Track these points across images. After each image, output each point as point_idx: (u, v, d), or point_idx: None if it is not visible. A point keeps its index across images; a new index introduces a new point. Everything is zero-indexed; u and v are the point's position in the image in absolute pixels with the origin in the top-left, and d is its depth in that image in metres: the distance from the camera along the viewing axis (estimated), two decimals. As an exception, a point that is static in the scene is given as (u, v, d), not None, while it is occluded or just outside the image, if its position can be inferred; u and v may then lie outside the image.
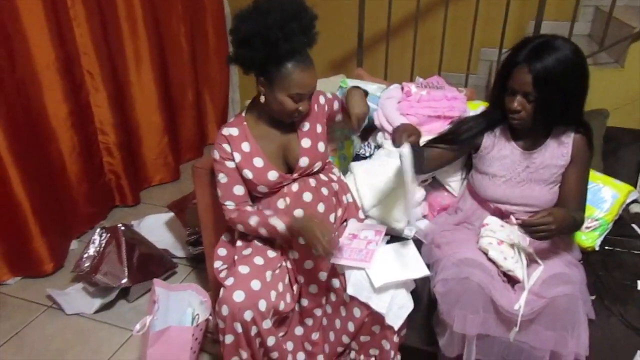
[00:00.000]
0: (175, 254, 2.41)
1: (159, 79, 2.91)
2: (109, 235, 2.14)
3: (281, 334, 1.56)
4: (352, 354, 1.59)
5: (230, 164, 1.52)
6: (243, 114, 1.58)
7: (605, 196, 1.69)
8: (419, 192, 1.76)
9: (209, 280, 1.90)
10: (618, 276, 1.55)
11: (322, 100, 1.64)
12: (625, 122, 2.03)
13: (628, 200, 1.73)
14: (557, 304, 1.31)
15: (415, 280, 1.53)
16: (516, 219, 1.47)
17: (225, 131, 1.53)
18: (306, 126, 1.58)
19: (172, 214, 2.50)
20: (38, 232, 2.22)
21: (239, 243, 1.60)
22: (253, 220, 1.51)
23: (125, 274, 2.06)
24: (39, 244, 2.23)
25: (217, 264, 1.59)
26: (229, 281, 1.45)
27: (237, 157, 1.51)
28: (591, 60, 2.38)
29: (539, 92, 1.36)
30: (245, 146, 1.52)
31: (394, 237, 1.71)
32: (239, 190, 1.54)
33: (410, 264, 1.52)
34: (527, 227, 1.32)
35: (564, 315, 1.30)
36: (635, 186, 1.87)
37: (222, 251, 1.63)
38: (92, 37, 2.45)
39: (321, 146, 1.59)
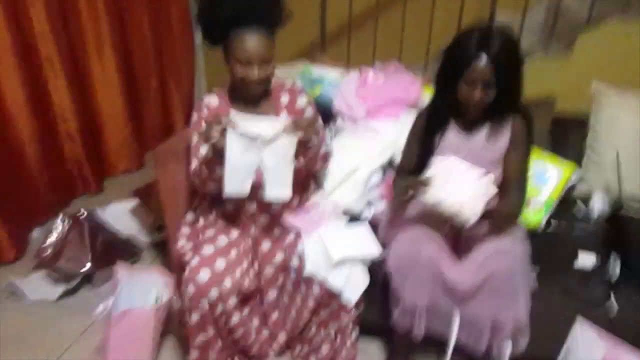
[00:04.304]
0: (140, 240, 2.41)
1: (121, 66, 2.87)
2: (71, 221, 2.12)
3: (245, 312, 1.60)
4: (313, 329, 1.64)
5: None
6: (226, 88, 1.63)
7: (551, 175, 1.79)
8: (377, 175, 1.82)
9: (172, 263, 1.92)
10: (560, 251, 1.66)
11: (303, 101, 1.64)
12: (574, 106, 2.14)
13: (572, 178, 1.83)
14: (499, 275, 1.39)
15: (373, 259, 1.59)
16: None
17: (206, 100, 1.60)
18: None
19: (136, 201, 2.49)
20: (-2, 221, 2.19)
21: (201, 222, 1.63)
22: (195, 164, 1.52)
23: (88, 259, 2.05)
24: (-1, 232, 2.20)
25: (181, 243, 1.62)
26: (195, 261, 1.48)
27: None
28: (542, 48, 2.49)
29: (499, 77, 1.37)
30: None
31: (353, 218, 1.78)
32: (204, 150, 1.54)
33: (366, 243, 1.59)
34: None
35: (505, 286, 1.39)
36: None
37: (185, 230, 1.65)
38: (50, 22, 2.39)
39: None
